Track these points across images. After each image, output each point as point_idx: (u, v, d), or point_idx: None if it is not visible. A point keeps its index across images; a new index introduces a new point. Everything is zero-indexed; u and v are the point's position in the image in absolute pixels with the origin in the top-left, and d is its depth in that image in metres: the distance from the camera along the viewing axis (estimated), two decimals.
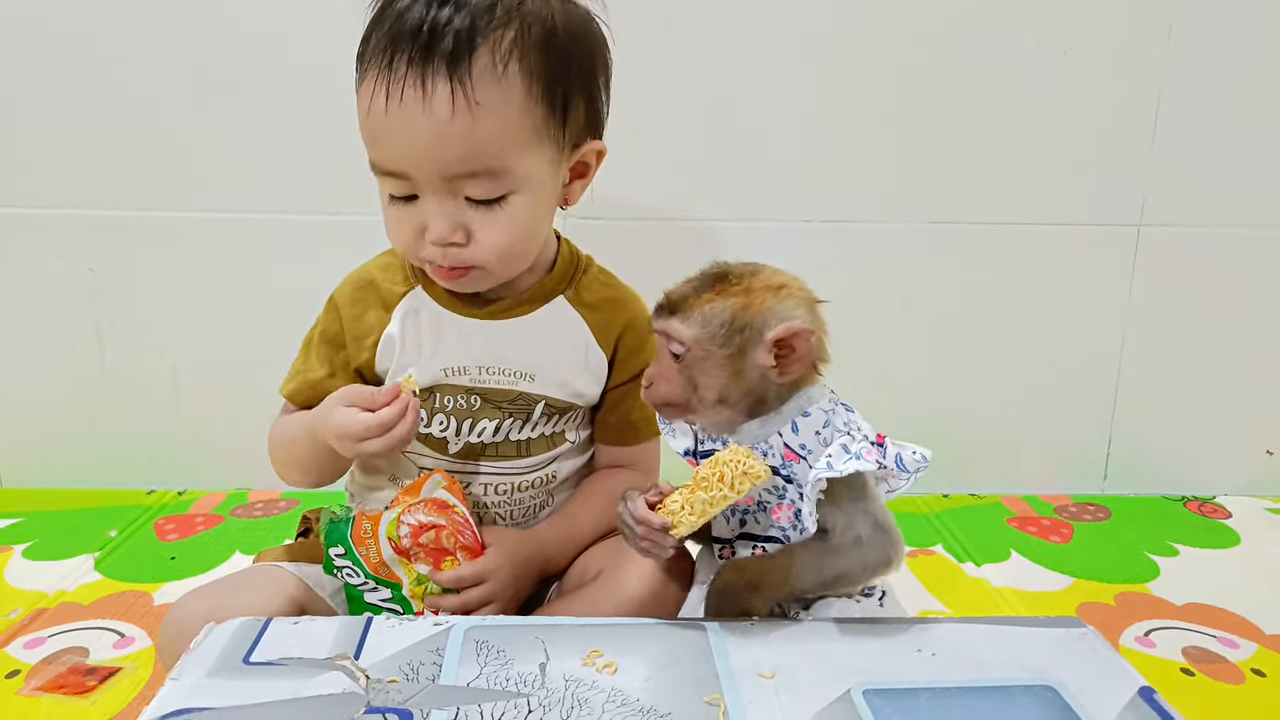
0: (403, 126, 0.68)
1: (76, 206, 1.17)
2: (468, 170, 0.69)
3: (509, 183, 0.70)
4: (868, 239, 1.19)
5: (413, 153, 0.69)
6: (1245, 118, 1.18)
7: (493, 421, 0.78)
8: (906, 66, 1.15)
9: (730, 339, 0.62)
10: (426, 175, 0.69)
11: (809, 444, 0.64)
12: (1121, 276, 1.23)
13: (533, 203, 0.73)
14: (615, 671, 0.58)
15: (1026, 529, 1.18)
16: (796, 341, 0.62)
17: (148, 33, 1.12)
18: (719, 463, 0.62)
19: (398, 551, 0.72)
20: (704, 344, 0.63)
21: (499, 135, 0.69)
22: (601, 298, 0.82)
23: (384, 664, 0.58)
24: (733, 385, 0.63)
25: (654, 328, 0.65)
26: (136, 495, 1.23)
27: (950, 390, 1.25)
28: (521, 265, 0.77)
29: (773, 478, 0.64)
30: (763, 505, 0.66)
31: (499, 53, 0.68)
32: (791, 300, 0.63)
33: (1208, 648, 0.92)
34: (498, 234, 0.72)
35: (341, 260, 0.85)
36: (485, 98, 0.67)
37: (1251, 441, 1.30)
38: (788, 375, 0.63)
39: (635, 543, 0.65)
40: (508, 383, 0.78)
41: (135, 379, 1.23)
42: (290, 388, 0.82)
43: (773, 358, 0.62)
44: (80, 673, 0.84)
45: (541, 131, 0.71)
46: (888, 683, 0.57)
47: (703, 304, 0.63)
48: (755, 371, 0.63)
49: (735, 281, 0.63)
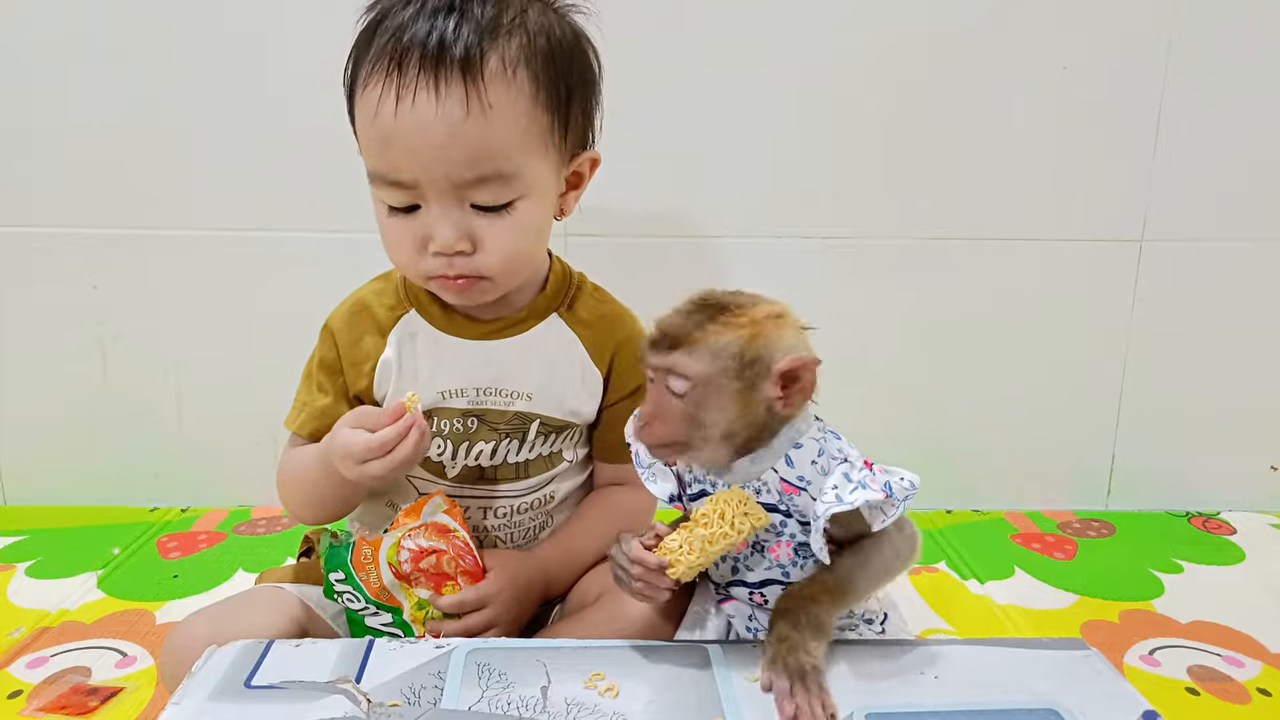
0: (414, 129, 0.67)
1: (80, 225, 1.18)
2: (478, 174, 0.68)
3: (517, 187, 0.70)
4: (869, 255, 1.19)
5: (424, 156, 0.67)
6: (1247, 132, 1.18)
7: (489, 444, 0.78)
8: (907, 82, 1.16)
9: (741, 372, 0.60)
10: (435, 180, 0.68)
11: (806, 475, 0.63)
12: (1124, 292, 1.23)
13: (538, 210, 0.73)
14: (617, 695, 0.58)
15: (1030, 545, 1.17)
16: (803, 372, 0.61)
17: (149, 48, 1.13)
18: (719, 501, 0.61)
19: (398, 576, 0.72)
20: (714, 379, 0.60)
21: (510, 138, 0.69)
22: (596, 315, 0.82)
23: (385, 687, 0.58)
24: (739, 420, 0.61)
25: (652, 364, 0.62)
26: (139, 513, 1.23)
27: (952, 406, 1.25)
28: (523, 275, 0.77)
29: (770, 514, 0.63)
30: (759, 547, 0.65)
31: (508, 58, 0.68)
32: (790, 330, 0.62)
33: (1213, 667, 0.91)
34: (505, 241, 0.71)
35: (345, 278, 0.85)
36: (497, 100, 0.67)
37: (1256, 457, 1.29)
38: (790, 408, 0.62)
39: (629, 585, 0.63)
40: (504, 403, 0.78)
41: (138, 396, 1.23)
42: (299, 421, 0.81)
43: (779, 389, 0.61)
44: (82, 693, 0.84)
45: (546, 138, 0.71)
46: (891, 706, 0.57)
47: (709, 336, 0.60)
48: (762, 405, 0.61)
49: (738, 312, 0.61)
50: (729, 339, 0.60)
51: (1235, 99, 1.17)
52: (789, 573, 0.64)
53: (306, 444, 0.82)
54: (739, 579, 0.66)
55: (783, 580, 0.65)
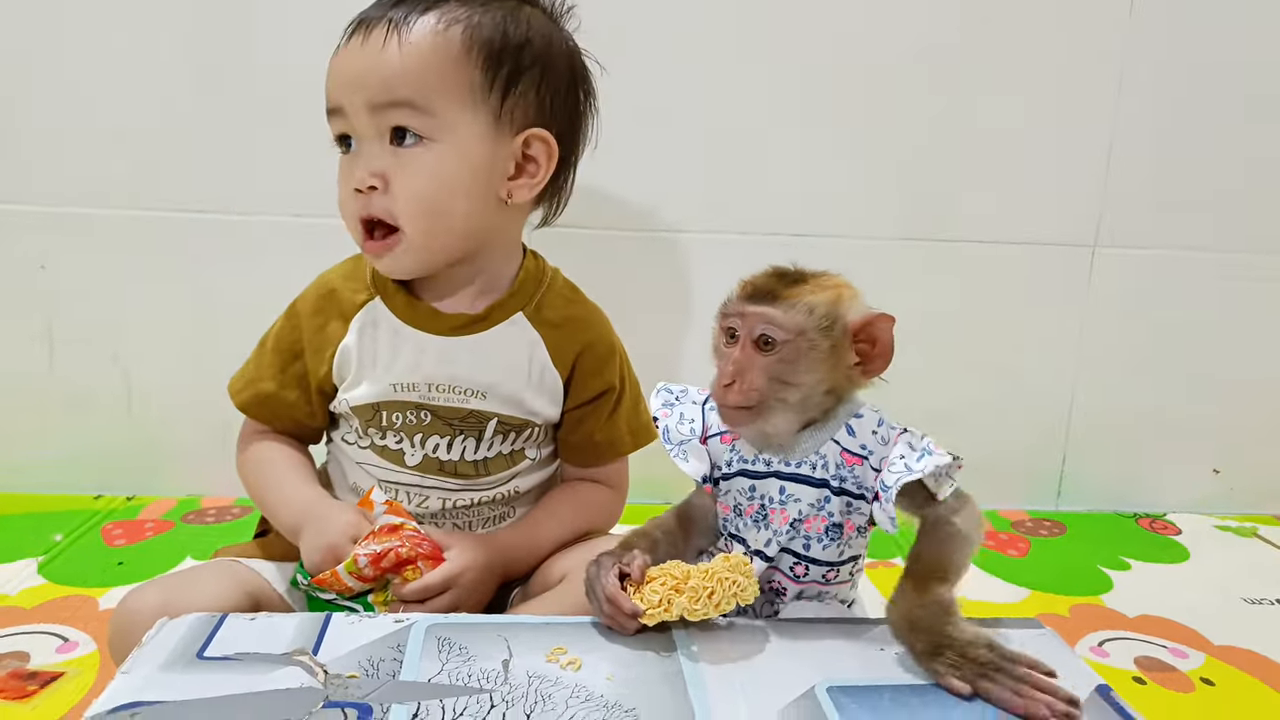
0: (344, 60, 0.73)
1: (29, 202, 1.15)
2: (390, 98, 0.70)
3: (432, 127, 0.71)
4: (830, 255, 1.19)
5: (348, 80, 0.72)
6: (1200, 142, 1.22)
7: (445, 438, 0.77)
8: (869, 90, 1.17)
9: (829, 331, 0.61)
10: (356, 105, 0.71)
11: (869, 444, 0.64)
12: (1076, 297, 1.26)
13: (455, 160, 0.72)
14: (580, 668, 0.58)
15: (984, 542, 1.19)
16: (879, 331, 0.62)
17: (107, 25, 1.10)
18: (712, 576, 0.61)
19: (363, 580, 0.71)
20: (808, 334, 0.61)
21: (427, 71, 0.71)
22: (563, 315, 0.81)
23: (343, 660, 0.57)
24: (823, 383, 0.62)
25: (748, 312, 0.62)
26: (83, 500, 1.20)
27: (906, 408, 1.26)
28: (443, 240, 0.75)
29: (817, 490, 0.64)
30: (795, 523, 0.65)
31: (445, 19, 0.72)
32: (859, 299, 0.64)
33: (1159, 658, 0.93)
34: (414, 183, 0.72)
35: (301, 264, 0.84)
36: (418, 41, 0.71)
37: (1200, 461, 1.33)
38: (871, 373, 0.64)
39: (597, 607, 0.62)
40: (458, 400, 0.77)
41: (85, 381, 1.20)
42: (243, 397, 0.81)
43: (855, 354, 0.62)
44: (20, 677, 0.81)
45: (476, 92, 0.72)
46: (852, 680, 0.58)
47: (805, 294, 0.62)
48: (844, 370, 0.63)
49: (819, 278, 0.63)
50: (821, 298, 0.62)
51: (1189, 107, 1.21)
52: (810, 546, 0.66)
53: (263, 430, 0.81)
54: (759, 550, 0.67)
55: (800, 553, 0.66)
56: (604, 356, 0.82)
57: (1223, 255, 1.25)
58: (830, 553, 0.66)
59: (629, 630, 0.61)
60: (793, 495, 0.65)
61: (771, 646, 0.61)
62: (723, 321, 0.64)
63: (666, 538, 0.69)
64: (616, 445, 0.84)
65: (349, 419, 0.79)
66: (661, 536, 0.69)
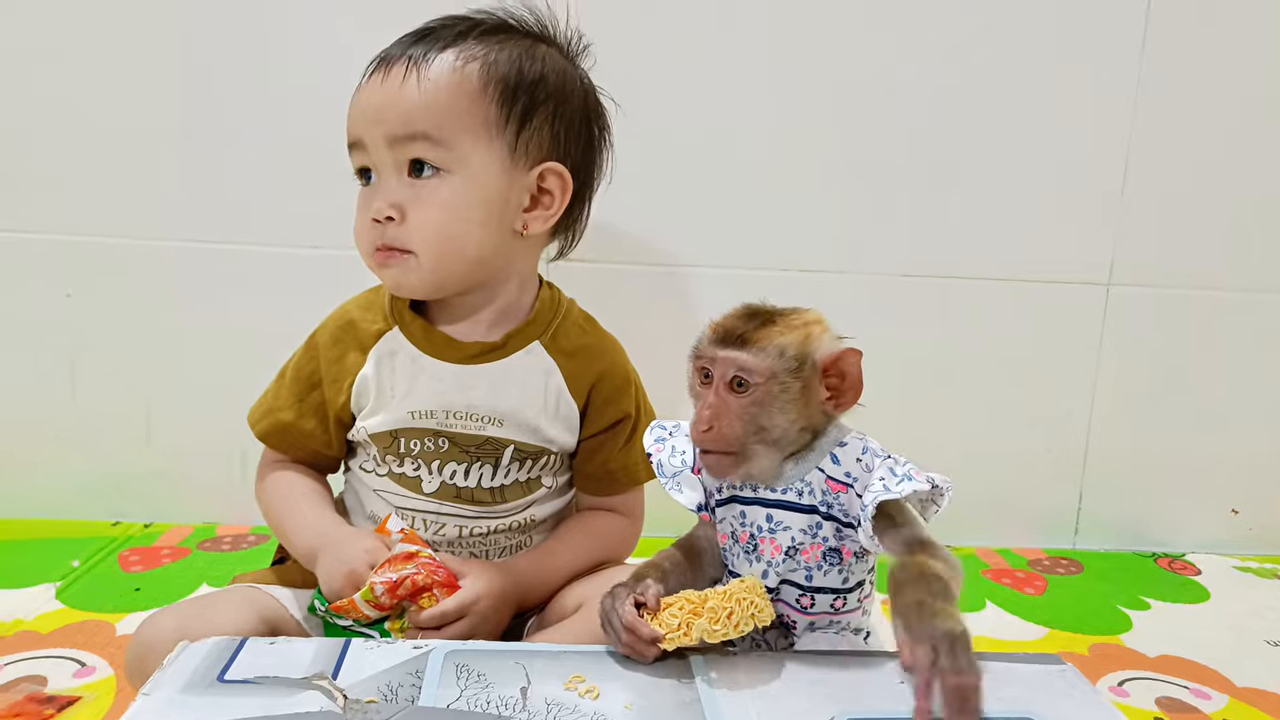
0: (365, 96, 0.75)
1: (54, 232, 1.17)
2: (409, 130, 0.72)
3: (448, 159, 0.73)
4: (838, 291, 1.21)
5: (368, 115, 0.74)
6: (1214, 180, 1.22)
7: (461, 465, 0.78)
8: (877, 124, 1.19)
9: (799, 372, 0.62)
10: (375, 139, 0.73)
11: (853, 471, 0.64)
12: (1091, 335, 1.26)
13: (470, 193, 0.74)
14: (598, 696, 0.58)
15: (1001, 580, 1.18)
16: (846, 366, 0.63)
17: (127, 56, 1.13)
18: (730, 597, 0.61)
19: (380, 608, 0.71)
20: (780, 378, 0.62)
21: (442, 106, 0.73)
22: (578, 345, 0.82)
23: (362, 685, 0.57)
24: (797, 423, 0.63)
25: (719, 357, 0.63)
26: (101, 526, 1.20)
27: (921, 445, 1.25)
28: (453, 266, 0.75)
29: (807, 516, 0.64)
30: (792, 552, 0.65)
31: (463, 56, 0.74)
32: (830, 335, 0.64)
33: (1180, 698, 0.92)
34: (429, 214, 0.73)
35: (319, 296, 0.85)
36: (436, 76, 0.73)
37: (1218, 500, 1.32)
38: (842, 406, 0.64)
39: (615, 638, 0.62)
40: (475, 427, 0.78)
41: (107, 409, 1.21)
42: (262, 426, 0.82)
43: (825, 389, 0.63)
44: (38, 701, 0.81)
45: (491, 126, 0.74)
46: (868, 712, 0.57)
47: (774, 336, 0.62)
48: (817, 408, 0.63)
49: (791, 316, 0.64)
50: (791, 338, 0.62)
51: (1203, 146, 1.21)
52: (811, 575, 0.65)
53: (282, 460, 0.82)
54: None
55: (803, 584, 0.66)
56: (619, 385, 0.83)
57: (1238, 295, 1.25)
58: (833, 578, 0.66)
59: (648, 658, 0.61)
60: (781, 523, 0.65)
61: (789, 676, 0.61)
62: (696, 362, 0.65)
63: (676, 569, 0.69)
64: (632, 474, 0.85)
65: (367, 447, 0.80)
66: (671, 568, 0.69)
